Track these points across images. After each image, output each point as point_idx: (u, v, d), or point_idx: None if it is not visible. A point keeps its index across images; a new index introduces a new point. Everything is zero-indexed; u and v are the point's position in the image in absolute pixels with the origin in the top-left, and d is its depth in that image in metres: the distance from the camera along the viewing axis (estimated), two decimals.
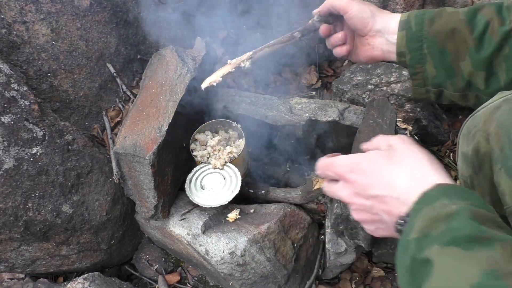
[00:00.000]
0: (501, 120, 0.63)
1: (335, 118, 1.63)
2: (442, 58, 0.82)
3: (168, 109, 1.37)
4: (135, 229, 1.55)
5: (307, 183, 1.37)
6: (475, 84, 0.81)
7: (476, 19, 0.78)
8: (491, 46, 0.76)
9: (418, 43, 0.84)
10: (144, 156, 1.26)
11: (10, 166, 1.15)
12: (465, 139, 0.70)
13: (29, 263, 1.30)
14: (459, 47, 0.80)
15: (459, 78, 0.82)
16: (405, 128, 1.77)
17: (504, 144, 0.61)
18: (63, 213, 1.25)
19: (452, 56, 0.81)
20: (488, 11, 0.78)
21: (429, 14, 0.83)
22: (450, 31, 0.80)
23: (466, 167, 0.71)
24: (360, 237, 1.30)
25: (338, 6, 0.91)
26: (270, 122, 1.64)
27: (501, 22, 0.76)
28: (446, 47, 0.81)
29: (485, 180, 0.67)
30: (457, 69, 0.81)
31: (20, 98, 1.21)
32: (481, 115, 0.68)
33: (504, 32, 0.75)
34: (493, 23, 0.76)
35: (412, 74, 0.88)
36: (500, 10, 0.78)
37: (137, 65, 1.64)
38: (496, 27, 0.76)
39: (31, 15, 1.34)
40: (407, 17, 0.86)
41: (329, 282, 1.49)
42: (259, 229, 1.32)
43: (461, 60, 0.80)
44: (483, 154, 0.65)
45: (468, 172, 0.70)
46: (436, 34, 0.82)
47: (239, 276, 1.32)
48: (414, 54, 0.85)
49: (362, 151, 0.71)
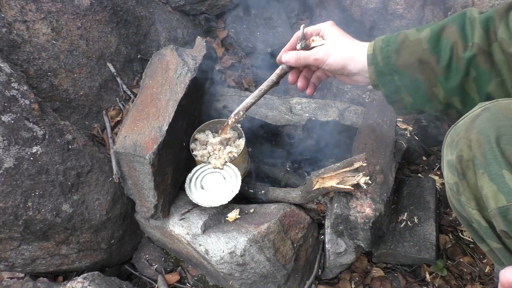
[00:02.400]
0: (481, 127, 0.65)
1: (335, 118, 1.63)
2: (416, 87, 0.83)
3: (168, 108, 1.37)
4: (135, 228, 1.55)
5: (307, 183, 1.37)
6: (452, 105, 0.82)
7: (440, 46, 0.78)
8: (458, 74, 0.77)
9: (389, 76, 0.84)
10: (144, 155, 1.26)
11: (10, 165, 1.15)
12: (449, 148, 0.72)
13: (29, 262, 1.30)
14: (429, 76, 0.80)
15: (436, 103, 0.83)
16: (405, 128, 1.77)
17: (486, 150, 0.63)
18: (63, 213, 1.26)
19: (424, 84, 0.81)
20: (451, 32, 0.77)
21: (393, 46, 0.83)
22: (417, 63, 0.80)
23: (451, 174, 0.72)
24: (360, 237, 1.30)
25: (314, 63, 0.95)
26: (270, 122, 1.64)
27: (465, 46, 0.76)
28: (416, 77, 0.81)
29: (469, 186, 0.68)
30: (432, 95, 0.82)
31: (20, 97, 1.21)
32: (462, 124, 0.70)
33: (469, 58, 0.75)
34: (456, 49, 0.76)
35: (390, 102, 0.89)
36: (463, 27, 0.77)
37: (137, 64, 1.64)
38: (460, 54, 0.76)
39: (31, 14, 1.34)
40: (373, 51, 0.86)
41: (328, 282, 1.49)
42: (259, 229, 1.32)
43: (433, 87, 0.81)
44: (466, 160, 0.67)
45: (453, 179, 0.72)
46: (404, 67, 0.82)
47: (238, 276, 1.32)
48: (387, 86, 0.86)
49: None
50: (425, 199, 1.54)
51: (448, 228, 1.61)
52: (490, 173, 0.62)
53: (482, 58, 0.74)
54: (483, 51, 0.74)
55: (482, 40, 0.74)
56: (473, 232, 0.77)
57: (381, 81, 0.85)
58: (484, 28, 0.74)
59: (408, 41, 0.81)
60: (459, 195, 0.72)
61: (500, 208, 0.61)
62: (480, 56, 0.74)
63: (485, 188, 0.63)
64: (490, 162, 0.63)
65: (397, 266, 1.53)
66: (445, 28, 0.78)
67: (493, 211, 0.63)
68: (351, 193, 1.30)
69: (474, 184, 0.67)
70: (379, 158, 1.41)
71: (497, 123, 0.64)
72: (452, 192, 0.74)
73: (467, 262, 1.51)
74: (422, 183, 1.60)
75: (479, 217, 0.69)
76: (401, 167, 1.75)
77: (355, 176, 1.24)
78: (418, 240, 1.43)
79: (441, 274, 1.47)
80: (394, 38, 0.83)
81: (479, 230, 0.72)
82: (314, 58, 0.94)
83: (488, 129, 0.64)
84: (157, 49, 1.68)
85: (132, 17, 1.63)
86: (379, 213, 1.27)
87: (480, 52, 0.74)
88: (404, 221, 1.48)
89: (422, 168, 1.82)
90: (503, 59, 0.73)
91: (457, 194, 0.72)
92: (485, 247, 0.75)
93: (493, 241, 0.69)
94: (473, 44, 0.74)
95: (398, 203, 1.55)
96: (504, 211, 0.61)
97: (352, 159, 1.28)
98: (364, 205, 1.28)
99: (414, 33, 0.82)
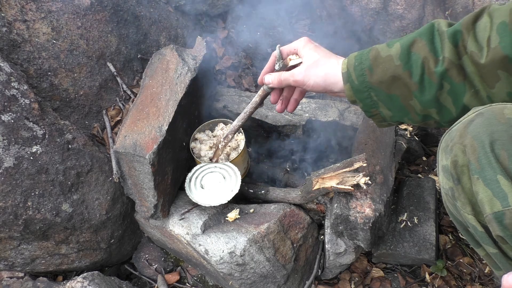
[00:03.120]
0: (475, 133, 0.66)
1: (335, 118, 1.63)
2: (392, 101, 0.84)
3: (169, 108, 1.37)
4: (134, 228, 1.55)
5: (307, 183, 1.37)
6: (430, 116, 0.83)
7: (411, 61, 0.78)
8: (432, 88, 0.77)
9: (365, 93, 0.85)
10: (144, 155, 1.26)
11: (10, 164, 1.15)
12: (444, 153, 0.73)
13: (28, 261, 1.30)
14: (404, 91, 0.81)
15: (414, 114, 0.84)
16: (405, 129, 1.77)
17: (480, 155, 0.64)
18: (63, 212, 1.25)
19: (401, 98, 0.82)
20: (421, 47, 0.78)
21: (365, 63, 0.83)
22: (390, 79, 0.81)
23: (446, 179, 0.73)
24: (360, 237, 1.30)
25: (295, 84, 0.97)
26: (270, 122, 1.64)
27: (436, 60, 0.76)
28: (392, 92, 0.82)
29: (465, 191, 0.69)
30: (409, 107, 0.83)
31: (21, 96, 1.21)
32: (456, 129, 0.70)
33: (441, 72, 0.75)
34: (428, 64, 0.77)
35: (370, 116, 0.91)
36: (432, 41, 0.77)
37: (138, 64, 1.64)
38: (432, 69, 0.76)
39: (31, 13, 1.34)
40: (347, 69, 0.86)
41: (328, 282, 1.49)
42: (259, 229, 1.32)
43: (409, 100, 0.82)
44: (461, 165, 0.67)
45: (448, 184, 0.72)
46: (378, 83, 0.82)
47: (238, 276, 1.32)
48: (365, 102, 0.87)
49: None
50: (425, 200, 1.54)
51: (448, 229, 1.61)
52: (485, 178, 0.63)
53: (454, 71, 0.75)
54: (454, 65, 0.75)
55: (452, 54, 0.74)
56: (469, 237, 0.77)
57: (358, 97, 0.87)
58: (453, 42, 0.75)
59: (380, 58, 0.82)
60: (454, 200, 0.72)
61: (496, 213, 0.61)
62: (452, 70, 0.75)
63: (480, 193, 0.64)
64: (484, 167, 0.63)
65: (396, 266, 1.53)
66: (415, 43, 0.79)
67: (489, 216, 0.63)
68: (351, 193, 1.30)
69: (469, 189, 0.67)
70: (379, 158, 1.41)
71: (491, 128, 0.65)
72: (448, 197, 0.75)
73: (466, 262, 1.51)
74: (422, 183, 1.60)
75: (475, 222, 0.69)
76: (401, 167, 1.75)
77: (355, 177, 1.24)
78: (418, 240, 1.43)
79: (441, 274, 1.47)
80: (366, 55, 0.84)
81: (475, 235, 0.72)
82: (294, 80, 0.95)
83: (482, 134, 0.65)
84: (157, 49, 1.68)
85: (132, 17, 1.63)
86: (379, 214, 1.27)
87: (452, 66, 0.75)
88: (404, 221, 1.48)
89: (422, 169, 1.82)
90: (474, 71, 0.73)
91: (453, 199, 0.73)
92: (482, 251, 0.75)
93: (490, 246, 0.69)
94: (443, 58, 0.75)
95: (398, 203, 1.55)
96: (499, 216, 0.61)
97: (352, 159, 1.28)
98: (364, 205, 1.28)
99: (385, 49, 0.82)
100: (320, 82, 0.92)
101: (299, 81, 0.94)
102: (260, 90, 1.09)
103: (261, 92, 1.08)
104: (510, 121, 0.64)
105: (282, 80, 0.99)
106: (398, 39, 0.83)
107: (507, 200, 0.60)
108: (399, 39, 0.83)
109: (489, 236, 0.68)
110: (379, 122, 0.92)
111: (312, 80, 0.92)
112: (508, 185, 0.60)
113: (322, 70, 0.91)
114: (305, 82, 0.93)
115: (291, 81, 0.96)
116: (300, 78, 0.94)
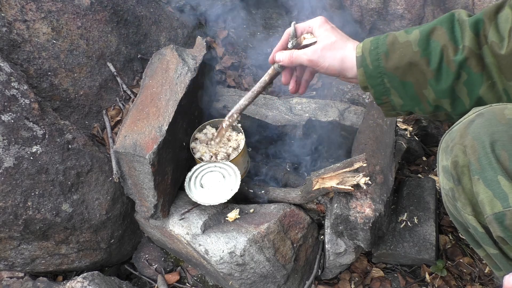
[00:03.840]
0: (475, 133, 0.66)
1: (335, 118, 1.63)
2: (405, 89, 0.82)
3: (169, 108, 1.37)
4: (134, 228, 1.55)
5: (307, 183, 1.37)
6: (442, 107, 0.82)
7: (430, 48, 0.77)
8: (449, 77, 0.76)
9: (378, 79, 0.83)
10: (144, 155, 1.26)
11: (10, 164, 1.15)
12: (444, 153, 0.72)
13: (28, 261, 1.30)
14: (419, 79, 0.79)
15: (425, 104, 0.83)
16: (405, 129, 1.77)
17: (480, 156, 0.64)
18: (63, 212, 1.25)
19: (414, 86, 0.81)
20: (441, 34, 0.77)
21: (382, 48, 0.82)
22: (407, 65, 0.79)
23: (446, 180, 0.72)
24: (360, 237, 1.30)
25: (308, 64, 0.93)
26: (270, 122, 1.64)
27: (455, 49, 0.75)
28: (406, 79, 0.81)
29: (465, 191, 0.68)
30: (422, 97, 0.82)
31: (21, 96, 1.21)
32: (457, 130, 0.70)
33: (460, 61, 0.74)
34: (447, 52, 0.76)
35: (380, 104, 0.89)
36: (452, 30, 0.76)
37: (138, 64, 1.64)
38: (451, 57, 0.75)
39: (31, 13, 1.34)
40: (362, 54, 0.84)
41: (328, 282, 1.49)
42: (259, 229, 1.32)
43: (423, 89, 0.80)
44: (462, 166, 0.67)
45: (448, 185, 0.72)
46: (394, 69, 0.81)
47: (238, 276, 1.32)
48: (377, 89, 0.85)
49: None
50: (425, 200, 1.54)
51: (448, 229, 1.61)
52: (486, 179, 0.63)
53: (473, 61, 0.74)
54: (474, 54, 0.73)
55: (473, 43, 0.73)
56: (470, 238, 0.77)
57: (370, 83, 0.85)
58: (474, 31, 0.74)
59: (397, 43, 0.80)
60: (455, 201, 0.72)
61: (496, 214, 0.61)
62: (471, 59, 0.74)
63: (480, 194, 0.64)
64: (485, 168, 0.63)
65: (396, 266, 1.53)
66: (434, 31, 0.78)
67: (489, 217, 0.63)
68: (351, 193, 1.30)
69: (469, 190, 0.67)
70: (379, 158, 1.41)
71: (491, 129, 0.64)
72: (448, 197, 0.75)
73: (466, 262, 1.51)
74: (422, 183, 1.60)
75: (475, 223, 0.69)
76: (401, 167, 1.75)
77: (355, 177, 1.24)
78: (418, 240, 1.43)
79: (441, 274, 1.47)
80: (383, 40, 0.82)
81: (476, 236, 0.72)
82: (309, 59, 0.91)
83: (483, 135, 0.64)
84: (157, 48, 1.68)
85: (133, 17, 1.63)
86: (379, 214, 1.27)
87: (471, 55, 0.74)
88: (404, 221, 1.48)
89: (422, 169, 1.82)
90: (493, 62, 0.72)
91: (453, 200, 0.72)
92: (482, 252, 0.75)
93: (490, 246, 0.69)
94: (463, 47, 0.74)
95: (398, 203, 1.55)
96: (500, 217, 0.61)
97: (352, 159, 1.28)
98: (364, 205, 1.28)
99: (403, 35, 0.81)
100: (335, 65, 0.88)
101: (313, 61, 0.90)
102: (270, 69, 1.02)
103: (271, 71, 1.02)
104: (511, 121, 0.64)
105: (294, 58, 0.94)
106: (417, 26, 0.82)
107: (508, 200, 0.60)
108: (418, 27, 0.81)
109: (490, 237, 0.68)
110: (388, 111, 0.90)
111: (328, 62, 0.89)
112: (509, 186, 0.60)
113: (339, 53, 0.88)
114: (320, 63, 0.90)
115: (305, 59, 0.91)
116: (315, 58, 0.89)
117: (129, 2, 1.63)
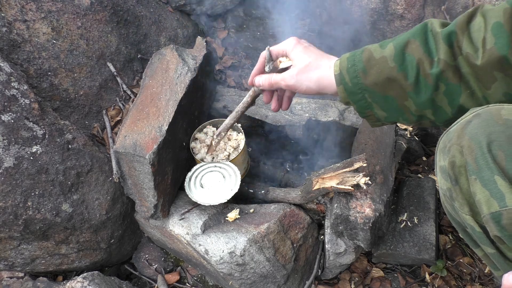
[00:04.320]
0: (472, 134, 0.66)
1: (335, 118, 1.63)
2: (387, 103, 0.83)
3: (169, 108, 1.37)
4: (134, 228, 1.55)
5: (307, 183, 1.37)
6: (425, 116, 0.83)
7: (406, 62, 0.78)
8: (428, 89, 0.77)
9: (359, 95, 0.84)
10: (144, 155, 1.26)
11: (10, 164, 1.15)
12: (442, 154, 0.73)
13: (28, 261, 1.30)
14: (399, 92, 0.80)
15: (409, 115, 0.84)
16: (405, 129, 1.77)
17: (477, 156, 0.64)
18: (63, 212, 1.26)
19: (396, 99, 0.82)
20: (415, 48, 0.77)
21: (359, 65, 0.82)
22: (385, 81, 0.80)
23: (444, 180, 0.73)
24: (360, 237, 1.30)
25: (287, 88, 0.95)
26: (270, 122, 1.64)
27: (431, 62, 0.75)
28: (387, 93, 0.82)
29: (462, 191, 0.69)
30: (405, 108, 0.83)
31: (21, 96, 1.21)
32: (454, 130, 0.70)
33: (436, 74, 0.75)
34: (423, 65, 0.76)
35: (364, 117, 0.90)
36: (426, 42, 0.77)
37: (138, 64, 1.64)
38: (428, 71, 0.76)
39: (31, 13, 1.34)
40: (340, 71, 0.85)
41: (328, 282, 1.49)
42: (259, 229, 1.32)
43: (405, 101, 0.81)
44: (459, 166, 0.67)
45: (446, 185, 0.72)
46: (373, 85, 0.82)
47: (238, 276, 1.32)
48: (359, 104, 0.86)
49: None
50: (425, 200, 1.54)
51: (448, 229, 1.61)
52: (483, 179, 0.63)
53: (450, 73, 0.74)
54: (450, 66, 0.74)
55: (448, 55, 0.74)
56: (468, 237, 0.77)
57: (352, 99, 0.86)
58: (448, 43, 0.74)
59: (373, 60, 0.81)
60: (452, 201, 0.72)
61: (493, 213, 0.62)
62: (447, 71, 0.74)
63: (478, 194, 0.64)
64: (482, 168, 0.63)
65: (396, 266, 1.53)
66: (408, 44, 0.78)
67: (486, 217, 0.63)
68: (351, 193, 1.30)
69: (467, 190, 0.67)
70: (379, 158, 1.41)
71: (488, 129, 0.65)
72: (446, 197, 0.75)
73: (466, 262, 1.51)
74: (422, 183, 1.60)
75: (473, 223, 0.69)
76: (401, 167, 1.75)
77: (355, 177, 1.24)
78: (418, 240, 1.43)
79: (441, 274, 1.47)
80: (359, 57, 0.83)
81: (473, 235, 0.72)
82: (286, 85, 0.94)
83: (480, 135, 0.65)
84: (157, 48, 1.68)
85: (132, 17, 1.63)
86: (379, 214, 1.27)
87: (447, 67, 0.74)
88: (404, 221, 1.48)
89: (422, 169, 1.82)
90: (470, 72, 0.73)
91: (451, 200, 0.73)
92: (480, 252, 0.76)
93: (487, 246, 0.70)
94: (439, 59, 0.75)
95: (398, 203, 1.55)
96: (497, 216, 0.61)
97: (352, 159, 1.28)
98: (364, 205, 1.28)
99: (378, 50, 0.81)
100: (312, 86, 0.91)
101: (290, 86, 0.93)
102: (251, 90, 1.06)
103: (252, 93, 1.06)
104: (508, 122, 0.64)
105: (273, 83, 0.97)
106: (391, 39, 0.82)
107: (504, 200, 0.60)
108: (392, 40, 0.82)
109: (487, 237, 0.69)
110: (373, 122, 0.92)
111: (305, 85, 0.91)
112: (505, 186, 0.61)
113: (315, 74, 0.90)
114: (297, 87, 0.92)
115: (283, 85, 0.95)
116: (292, 83, 0.92)
117: (129, 2, 1.63)
